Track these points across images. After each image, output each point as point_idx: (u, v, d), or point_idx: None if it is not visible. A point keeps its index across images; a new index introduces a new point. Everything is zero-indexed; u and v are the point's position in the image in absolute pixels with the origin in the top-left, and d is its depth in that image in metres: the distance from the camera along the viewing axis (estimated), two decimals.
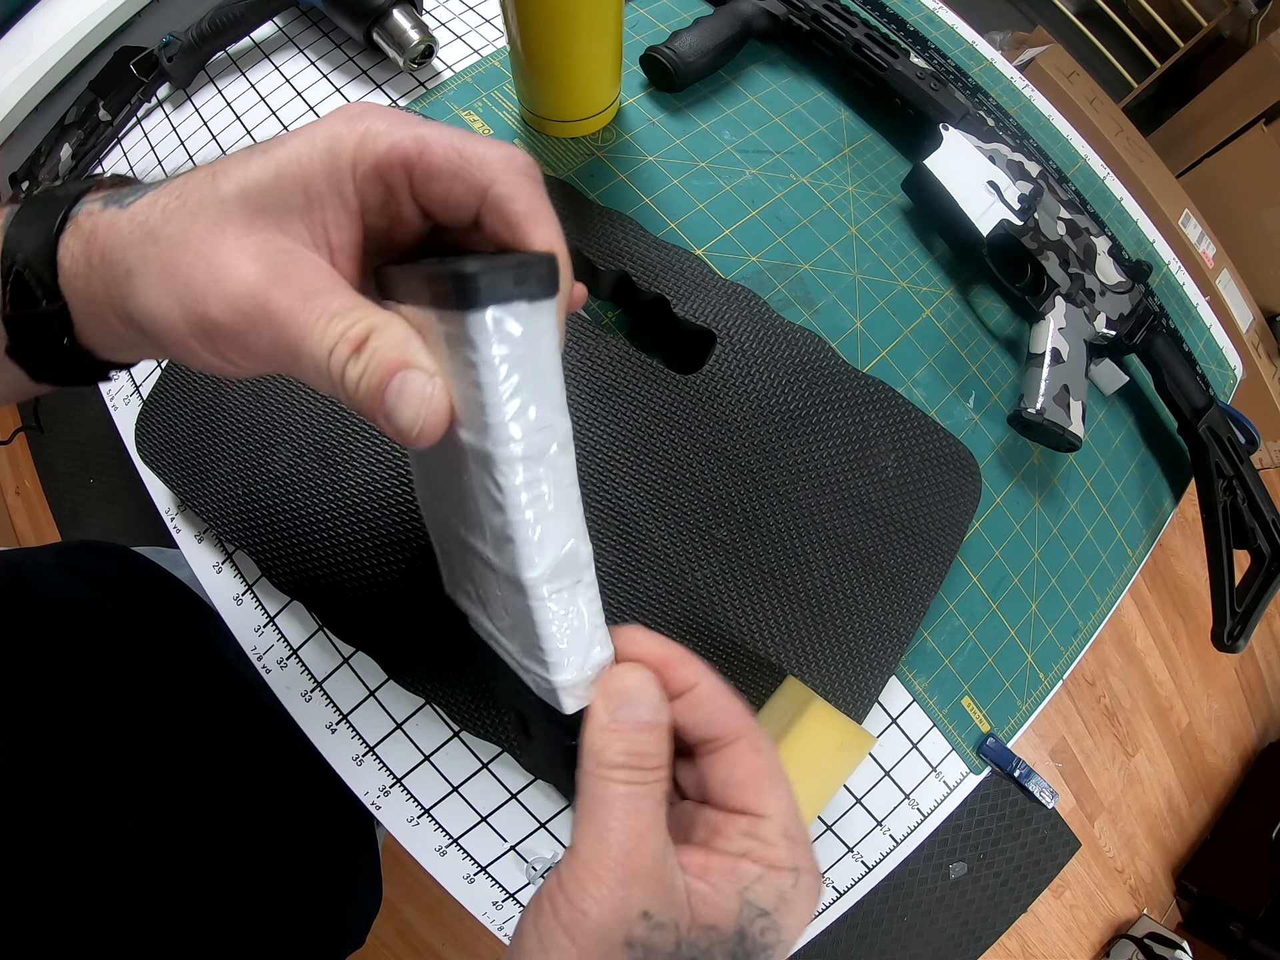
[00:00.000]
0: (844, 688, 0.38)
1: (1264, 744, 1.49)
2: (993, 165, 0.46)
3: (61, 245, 0.19)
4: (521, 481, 0.18)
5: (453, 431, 0.18)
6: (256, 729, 0.44)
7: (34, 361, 0.20)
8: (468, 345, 0.16)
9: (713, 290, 0.40)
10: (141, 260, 0.18)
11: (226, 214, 0.18)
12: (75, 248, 0.19)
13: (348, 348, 0.17)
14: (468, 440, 0.18)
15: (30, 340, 0.20)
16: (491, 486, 0.18)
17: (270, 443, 0.38)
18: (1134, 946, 1.28)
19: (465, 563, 0.23)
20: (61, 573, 0.43)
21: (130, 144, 0.51)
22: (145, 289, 0.18)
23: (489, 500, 0.18)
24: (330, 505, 0.37)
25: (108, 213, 0.19)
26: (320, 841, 0.47)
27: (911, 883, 1.23)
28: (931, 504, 0.39)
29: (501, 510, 0.18)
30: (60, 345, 0.20)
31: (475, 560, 0.21)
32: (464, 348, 0.16)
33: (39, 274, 0.19)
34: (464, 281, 0.16)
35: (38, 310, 0.19)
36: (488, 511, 0.19)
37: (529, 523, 0.18)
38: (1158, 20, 1.51)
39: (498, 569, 0.19)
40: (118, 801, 0.34)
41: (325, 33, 0.52)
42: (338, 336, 0.17)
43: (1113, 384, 0.47)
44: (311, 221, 0.19)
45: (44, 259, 0.19)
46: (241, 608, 0.39)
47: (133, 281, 0.18)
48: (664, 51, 0.46)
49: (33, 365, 0.21)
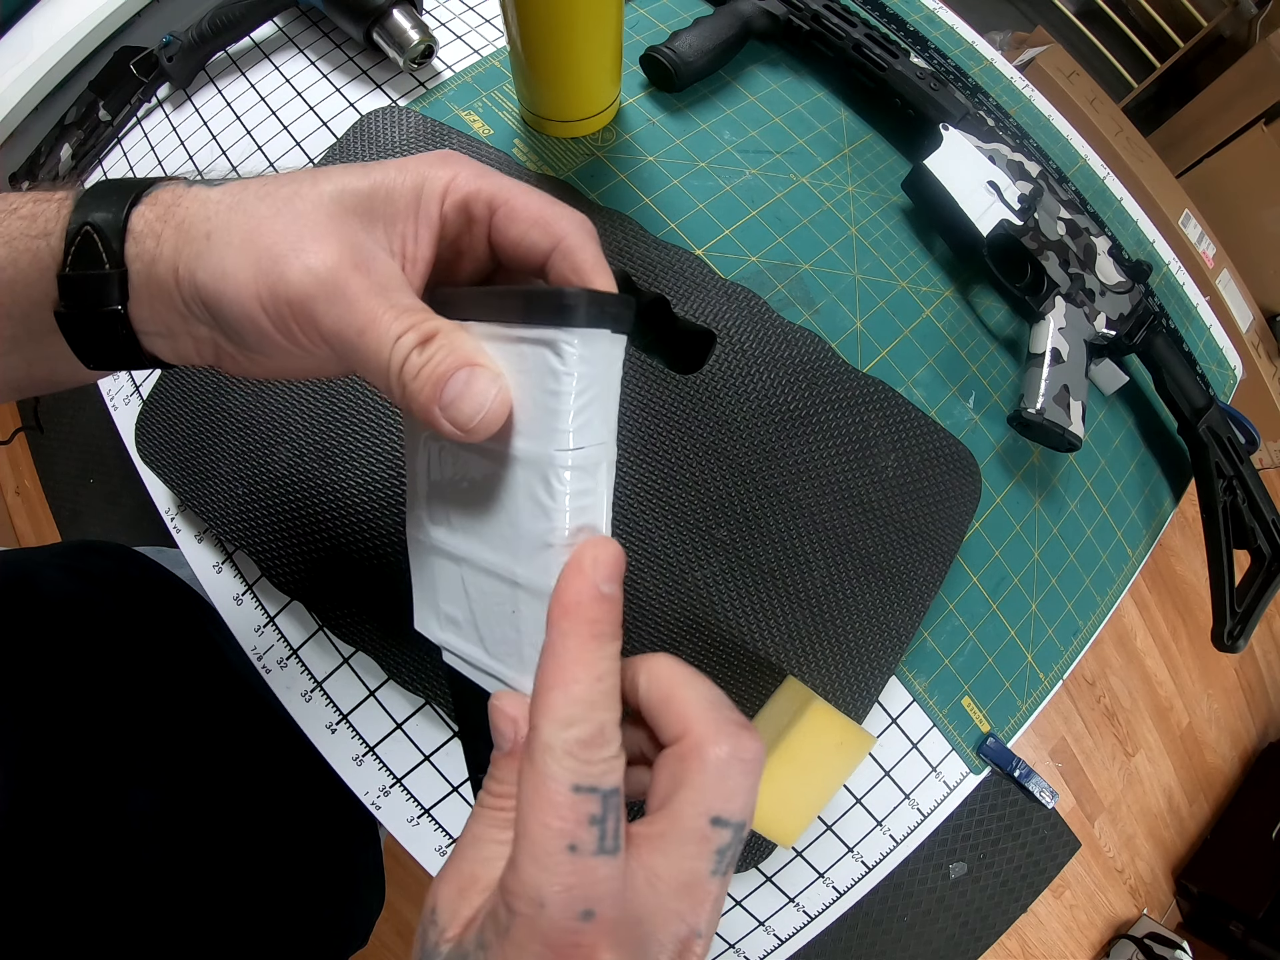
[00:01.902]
0: (844, 688, 0.38)
1: (1264, 744, 1.49)
2: (993, 165, 0.46)
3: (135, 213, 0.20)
4: (574, 490, 0.19)
5: (501, 438, 0.19)
6: (258, 729, 0.44)
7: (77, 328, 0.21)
8: (554, 355, 0.18)
9: (713, 290, 0.40)
10: (225, 226, 0.19)
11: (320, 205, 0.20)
12: (150, 215, 0.20)
13: (416, 337, 0.19)
14: (522, 447, 0.19)
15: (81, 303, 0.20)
16: (541, 492, 0.19)
17: (270, 443, 0.38)
18: (1134, 946, 1.28)
19: (457, 583, 0.22)
20: (62, 572, 0.43)
21: (130, 144, 0.51)
22: (223, 249, 0.19)
23: (533, 507, 0.19)
24: (330, 505, 0.37)
25: (195, 188, 0.20)
26: (323, 841, 0.47)
27: (911, 883, 1.23)
28: (931, 504, 0.39)
29: (547, 516, 0.19)
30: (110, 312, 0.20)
31: (478, 576, 0.21)
32: (548, 358, 0.18)
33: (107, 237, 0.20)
34: (568, 299, 0.18)
35: (99, 272, 0.20)
36: (527, 518, 0.19)
37: (574, 530, 0.19)
38: (1158, 20, 1.51)
39: (521, 580, 0.20)
40: (121, 801, 0.34)
41: (325, 33, 0.52)
42: (407, 326, 0.19)
43: (1113, 384, 0.47)
44: (393, 231, 0.21)
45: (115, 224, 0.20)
46: (241, 608, 0.39)
47: (210, 244, 0.19)
48: (664, 51, 0.46)
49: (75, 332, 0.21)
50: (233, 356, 0.21)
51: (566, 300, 0.18)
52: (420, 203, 0.21)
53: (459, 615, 0.23)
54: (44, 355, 0.22)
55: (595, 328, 0.18)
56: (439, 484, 0.23)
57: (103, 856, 0.32)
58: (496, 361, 0.19)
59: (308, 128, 0.48)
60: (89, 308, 0.20)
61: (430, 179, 0.21)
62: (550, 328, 0.18)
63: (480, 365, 0.19)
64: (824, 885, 0.39)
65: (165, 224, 0.20)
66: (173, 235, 0.19)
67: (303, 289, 0.18)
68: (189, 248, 0.19)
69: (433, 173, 0.21)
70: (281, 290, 0.18)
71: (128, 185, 0.21)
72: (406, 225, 0.21)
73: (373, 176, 0.20)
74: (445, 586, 0.23)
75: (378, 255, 0.20)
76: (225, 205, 0.19)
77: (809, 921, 0.39)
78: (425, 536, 0.23)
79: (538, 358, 0.19)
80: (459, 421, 0.18)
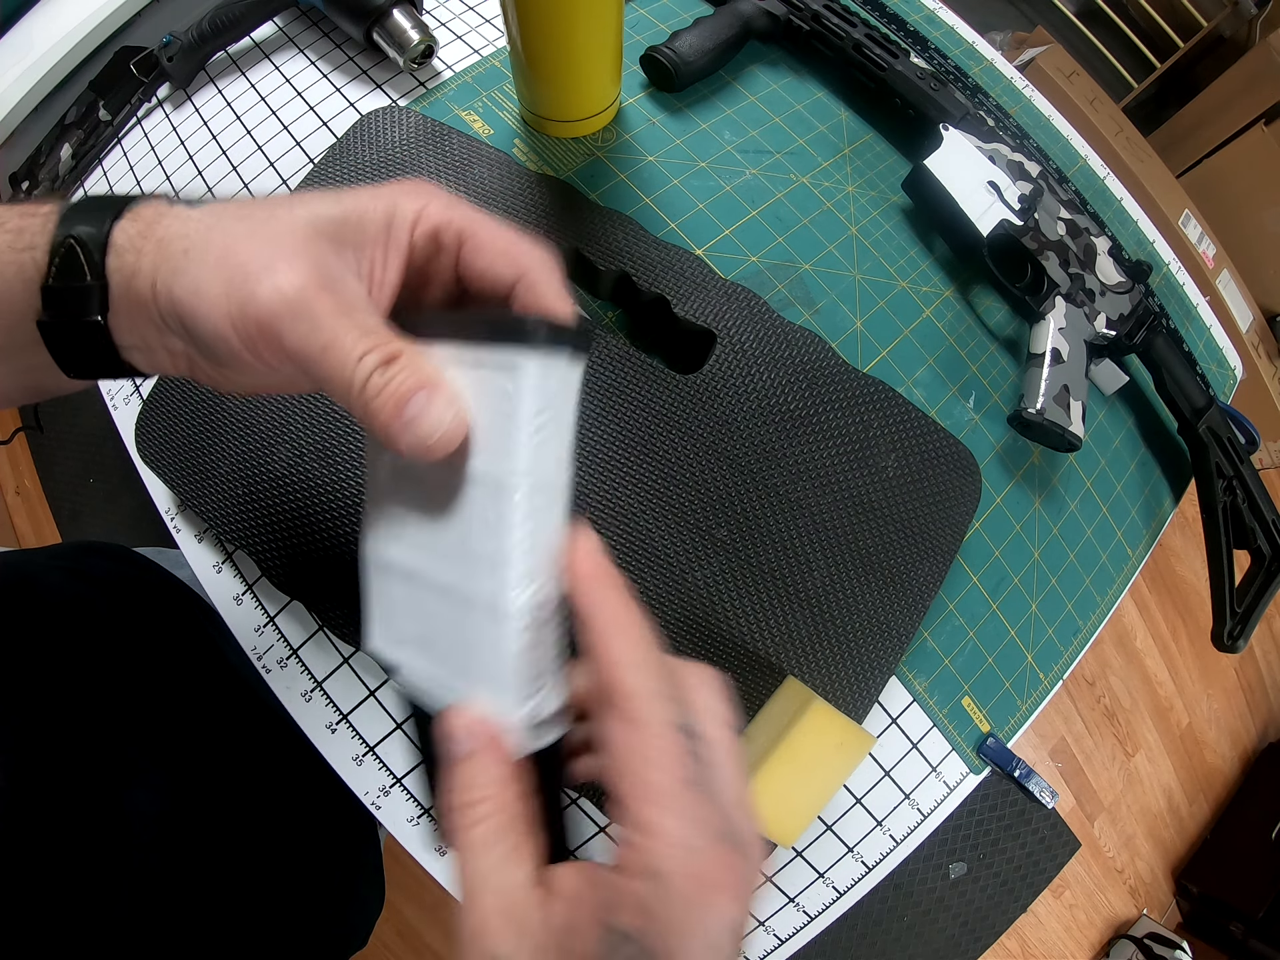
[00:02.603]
0: (844, 688, 0.38)
1: (1264, 744, 1.49)
2: (993, 165, 0.46)
3: (118, 228, 0.20)
4: (526, 511, 0.19)
5: (459, 457, 0.20)
6: (257, 730, 0.44)
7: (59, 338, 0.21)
8: (513, 378, 0.19)
9: (713, 290, 0.40)
10: (203, 245, 0.20)
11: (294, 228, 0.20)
12: (132, 230, 0.20)
13: (378, 358, 0.19)
14: (479, 467, 0.20)
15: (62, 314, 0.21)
16: (493, 512, 0.20)
17: (270, 443, 0.38)
18: (1134, 946, 1.28)
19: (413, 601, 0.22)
20: (62, 574, 0.43)
21: (130, 144, 0.51)
22: (199, 267, 0.19)
23: (486, 527, 0.20)
24: (330, 505, 0.37)
25: (177, 207, 0.21)
26: (324, 842, 0.47)
27: (911, 883, 1.23)
28: (931, 504, 0.39)
29: (497, 536, 0.19)
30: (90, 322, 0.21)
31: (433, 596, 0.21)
32: (505, 380, 0.19)
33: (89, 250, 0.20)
34: (528, 324, 0.19)
35: (81, 284, 0.20)
36: (479, 537, 0.20)
37: (526, 550, 0.19)
38: (1158, 20, 1.51)
39: (471, 597, 0.20)
40: (120, 802, 0.34)
41: (325, 33, 0.52)
42: (370, 346, 0.19)
43: (1113, 384, 0.47)
44: (362, 256, 0.21)
45: (98, 238, 0.20)
46: (241, 608, 0.39)
47: (187, 260, 0.19)
48: (664, 51, 0.46)
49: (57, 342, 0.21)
50: (204, 370, 0.22)
51: (527, 325, 0.19)
52: (391, 230, 0.21)
53: (412, 633, 0.22)
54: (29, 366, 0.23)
55: (553, 353, 0.19)
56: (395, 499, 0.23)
57: (101, 858, 0.32)
58: (458, 383, 0.20)
59: (308, 128, 0.48)
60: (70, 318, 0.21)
61: (402, 207, 0.21)
62: (510, 351, 0.19)
63: (440, 386, 0.20)
64: (824, 885, 0.39)
65: (146, 240, 0.20)
66: (153, 251, 0.20)
67: (270, 306, 0.19)
68: (167, 264, 0.20)
69: (405, 202, 0.22)
70: (250, 309, 0.19)
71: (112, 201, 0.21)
72: (376, 251, 0.21)
73: (346, 203, 0.21)
74: (399, 604, 0.23)
75: (345, 278, 0.20)
76: (204, 224, 0.20)
77: (809, 921, 0.39)
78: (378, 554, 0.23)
79: (497, 380, 0.19)
80: (416, 440, 0.19)
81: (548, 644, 0.21)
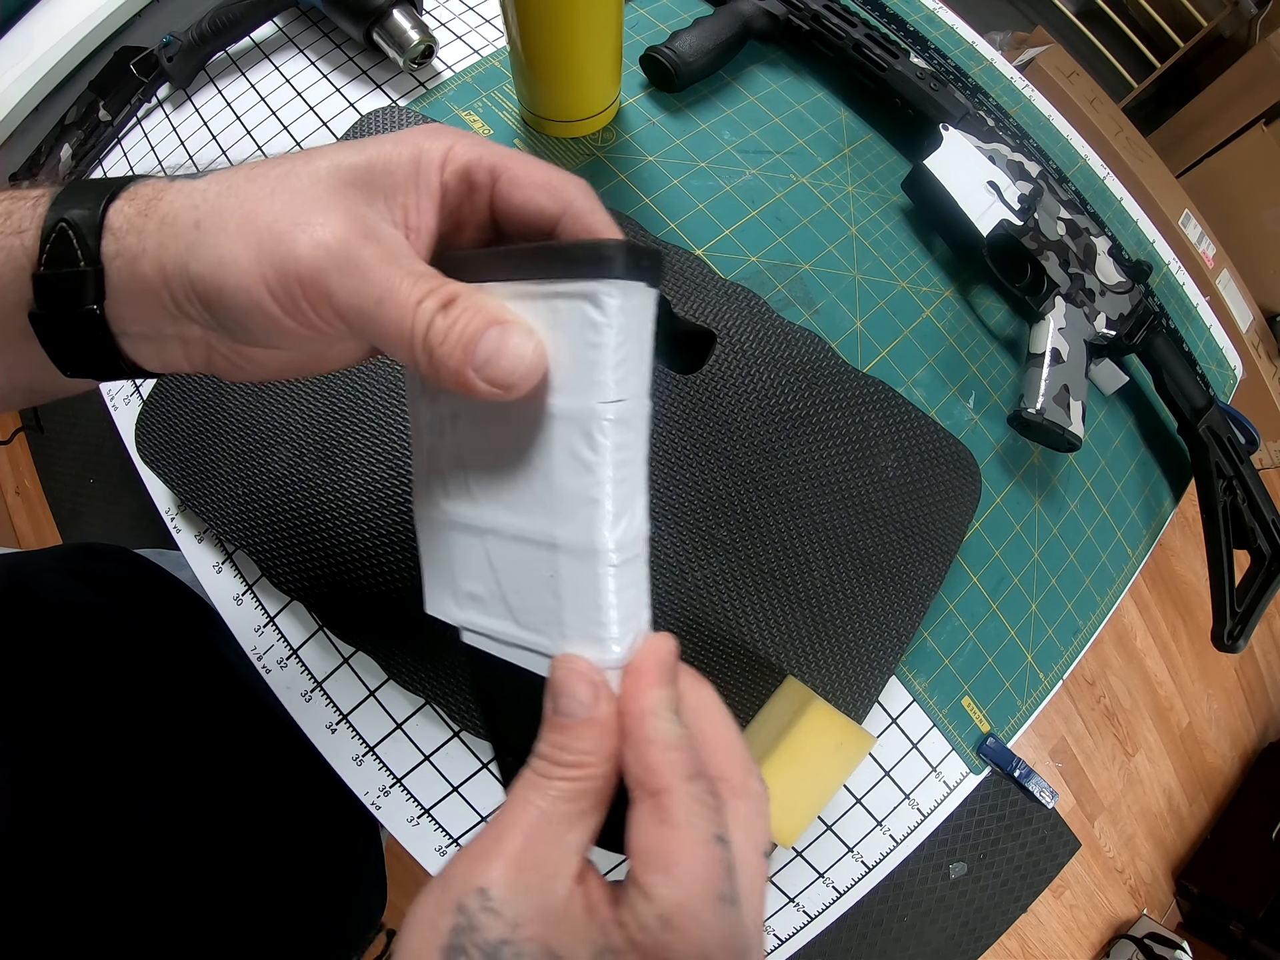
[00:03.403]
0: (844, 688, 0.38)
1: (1264, 744, 1.49)
2: (993, 165, 0.46)
3: (113, 209, 0.19)
4: (616, 443, 0.19)
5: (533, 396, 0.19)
6: (259, 731, 0.44)
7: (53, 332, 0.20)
8: (594, 307, 0.18)
9: (713, 290, 0.40)
10: (217, 213, 0.18)
11: (318, 180, 0.19)
12: (129, 210, 0.19)
13: (437, 301, 0.18)
14: (559, 403, 0.19)
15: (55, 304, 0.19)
16: (583, 447, 0.19)
17: (270, 443, 0.38)
18: (1134, 946, 1.28)
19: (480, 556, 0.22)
20: (61, 576, 0.43)
21: (130, 144, 0.51)
22: (217, 236, 0.18)
23: (574, 463, 0.19)
24: (330, 505, 0.37)
25: (178, 182, 0.19)
26: (325, 843, 0.47)
27: (911, 883, 1.23)
28: (931, 504, 0.39)
29: (590, 470, 0.19)
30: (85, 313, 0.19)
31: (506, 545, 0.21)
32: (587, 310, 0.18)
33: (83, 234, 0.19)
34: (607, 250, 0.18)
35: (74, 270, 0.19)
36: (567, 476, 0.19)
37: (617, 482, 0.19)
38: (1158, 20, 1.51)
39: (560, 540, 0.19)
40: (123, 806, 0.34)
41: (325, 33, 0.52)
42: (426, 291, 0.18)
43: (1113, 384, 0.47)
44: (394, 203, 0.20)
45: (91, 220, 0.19)
46: (241, 608, 0.39)
47: (201, 233, 0.18)
48: (664, 51, 0.46)
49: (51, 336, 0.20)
50: (226, 357, 0.21)
51: (605, 252, 0.18)
52: (419, 173, 0.20)
53: (482, 590, 0.22)
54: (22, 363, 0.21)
55: (634, 279, 0.18)
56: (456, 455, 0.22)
57: (102, 860, 0.32)
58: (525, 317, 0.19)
59: (308, 128, 0.48)
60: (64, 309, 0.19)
61: (427, 149, 0.20)
62: (588, 280, 0.18)
63: (510, 320, 0.18)
64: (824, 885, 0.39)
65: (147, 219, 0.19)
66: (156, 230, 0.19)
67: (313, 262, 0.18)
68: (176, 241, 0.18)
69: (428, 143, 0.20)
70: (290, 267, 0.18)
71: (107, 182, 0.20)
72: (408, 196, 0.20)
73: (368, 151, 0.20)
74: (465, 562, 0.22)
75: (383, 225, 0.19)
76: (213, 193, 0.19)
77: (809, 921, 0.39)
78: (439, 513, 0.23)
79: (574, 311, 0.18)
80: (497, 379, 0.18)
81: (639, 584, 0.20)
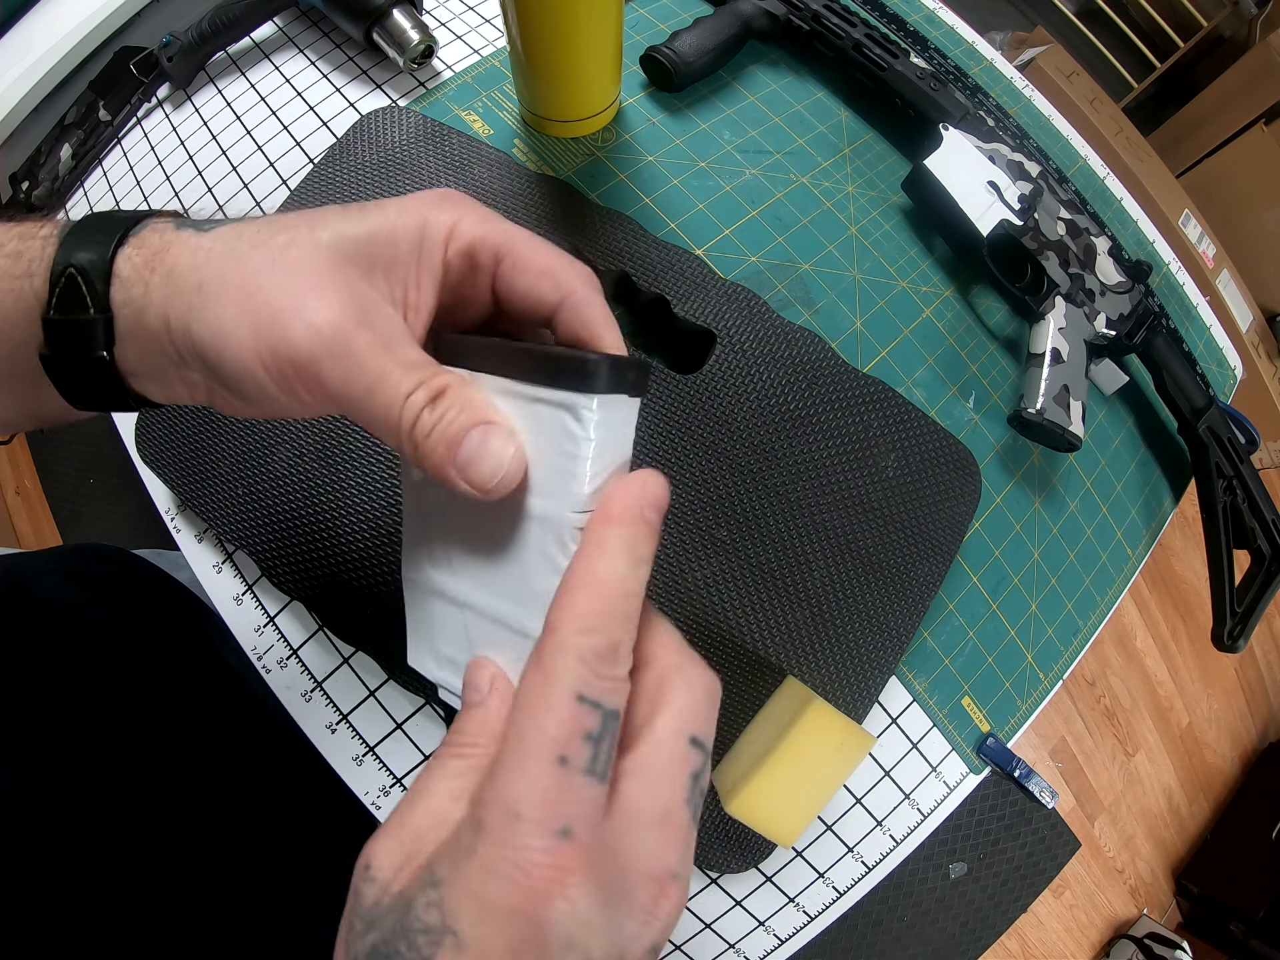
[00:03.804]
0: (844, 688, 0.38)
1: (1264, 744, 1.49)
2: (993, 165, 0.46)
3: (121, 255, 0.19)
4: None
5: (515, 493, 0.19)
6: (258, 731, 0.44)
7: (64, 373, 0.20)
8: (574, 420, 0.18)
9: (713, 290, 0.40)
10: (219, 279, 0.18)
11: (317, 253, 0.19)
12: (138, 259, 0.19)
13: (426, 394, 0.18)
14: (536, 505, 0.19)
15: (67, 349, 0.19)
16: (555, 550, 0.19)
17: (270, 443, 0.38)
18: (1134, 946, 1.28)
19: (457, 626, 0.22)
20: (61, 577, 0.43)
21: (130, 144, 0.51)
22: (218, 307, 0.18)
23: (546, 564, 0.19)
24: (330, 505, 0.37)
25: (184, 233, 0.19)
26: (325, 843, 0.47)
27: (911, 883, 1.23)
28: (931, 504, 0.39)
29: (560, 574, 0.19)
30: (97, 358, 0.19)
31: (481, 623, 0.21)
32: (567, 421, 0.18)
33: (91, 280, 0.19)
34: (590, 366, 0.18)
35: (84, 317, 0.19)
36: (539, 574, 0.19)
37: None
38: (1158, 20, 1.51)
39: (531, 632, 0.20)
40: (122, 807, 0.34)
41: (325, 33, 0.52)
42: (416, 383, 0.18)
43: (1113, 384, 0.47)
44: (394, 279, 0.20)
45: (100, 267, 0.19)
46: (241, 608, 0.39)
47: (203, 297, 0.18)
48: (664, 51, 0.46)
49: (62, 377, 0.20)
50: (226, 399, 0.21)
51: (589, 367, 0.18)
52: (422, 248, 0.20)
53: (459, 657, 0.22)
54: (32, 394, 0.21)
55: (616, 393, 0.19)
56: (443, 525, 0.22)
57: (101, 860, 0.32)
58: (509, 417, 0.19)
59: (308, 128, 0.48)
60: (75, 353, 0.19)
61: (432, 223, 0.20)
62: (570, 391, 0.18)
63: (494, 423, 0.18)
64: (824, 885, 0.39)
65: (153, 271, 0.19)
66: (161, 284, 0.19)
67: (307, 347, 0.18)
68: (179, 299, 0.18)
69: (435, 216, 0.20)
70: (284, 350, 0.18)
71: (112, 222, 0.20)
72: (408, 272, 0.20)
73: (371, 220, 0.20)
74: (445, 627, 0.23)
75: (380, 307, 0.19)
76: (216, 253, 0.19)
77: (809, 921, 0.39)
78: (423, 577, 0.23)
79: (555, 420, 0.19)
80: (476, 482, 0.18)
81: None
